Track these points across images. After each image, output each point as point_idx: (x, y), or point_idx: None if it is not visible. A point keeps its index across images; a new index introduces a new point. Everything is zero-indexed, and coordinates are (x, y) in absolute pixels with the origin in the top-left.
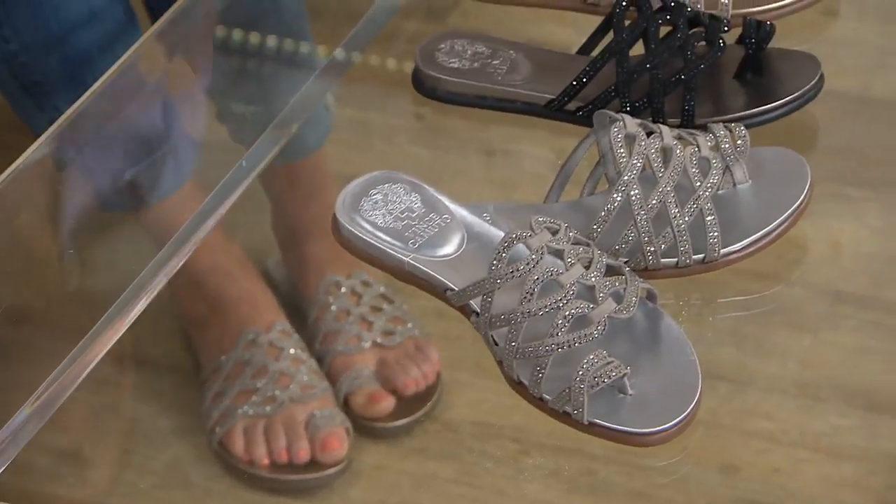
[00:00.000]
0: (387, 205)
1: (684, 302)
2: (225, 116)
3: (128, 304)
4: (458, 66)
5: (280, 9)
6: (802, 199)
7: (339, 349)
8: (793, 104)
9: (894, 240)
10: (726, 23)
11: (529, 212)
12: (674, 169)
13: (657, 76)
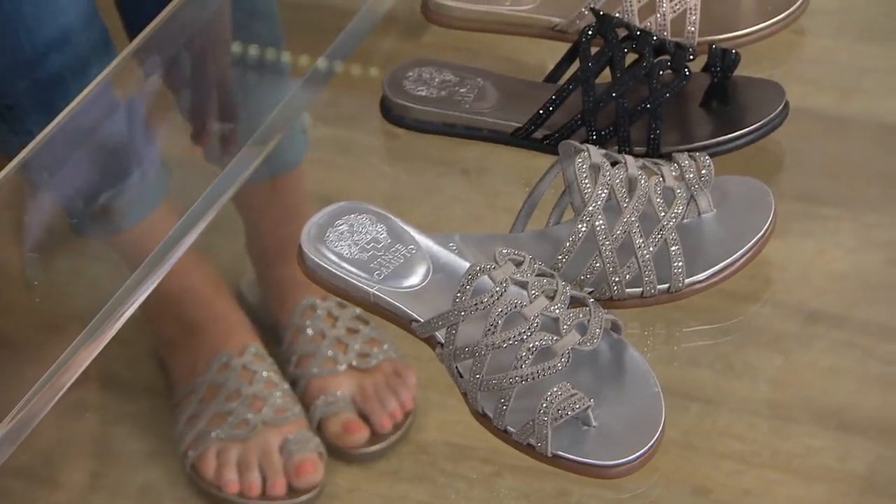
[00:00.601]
0: (352, 235)
1: (650, 331)
2: (200, 136)
3: (101, 327)
4: (426, 94)
5: (255, 28)
6: (766, 228)
7: (315, 372)
8: (758, 132)
9: (867, 259)
10: (692, 51)
11: (496, 242)
12: (638, 199)
13: (623, 105)
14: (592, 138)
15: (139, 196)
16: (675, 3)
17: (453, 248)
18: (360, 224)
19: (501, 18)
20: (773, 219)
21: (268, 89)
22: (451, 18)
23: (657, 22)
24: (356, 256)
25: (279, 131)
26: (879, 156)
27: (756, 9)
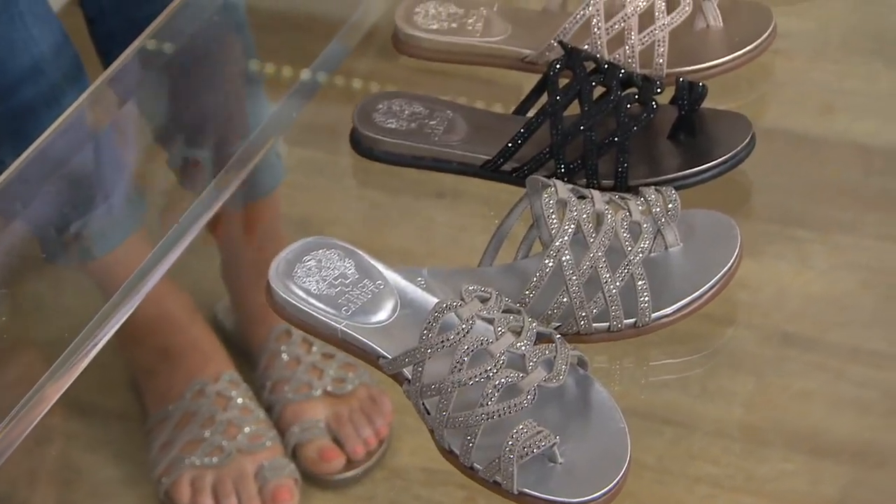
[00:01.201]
0: (320, 271)
1: (619, 364)
2: (175, 162)
3: (74, 355)
4: (396, 126)
5: (229, 54)
6: (732, 262)
7: (289, 397)
8: (725, 165)
9: (839, 282)
10: (659, 84)
11: (464, 276)
12: (605, 234)
13: (591, 138)
14: (561, 171)
15: (112, 223)
16: (644, 35)
17: (421, 283)
18: (328, 259)
19: (472, 49)
20: (739, 252)
21: (243, 114)
22: (420, 49)
23: (625, 54)
24: (324, 292)
25: (255, 157)
26: (853, 177)
27: (724, 40)
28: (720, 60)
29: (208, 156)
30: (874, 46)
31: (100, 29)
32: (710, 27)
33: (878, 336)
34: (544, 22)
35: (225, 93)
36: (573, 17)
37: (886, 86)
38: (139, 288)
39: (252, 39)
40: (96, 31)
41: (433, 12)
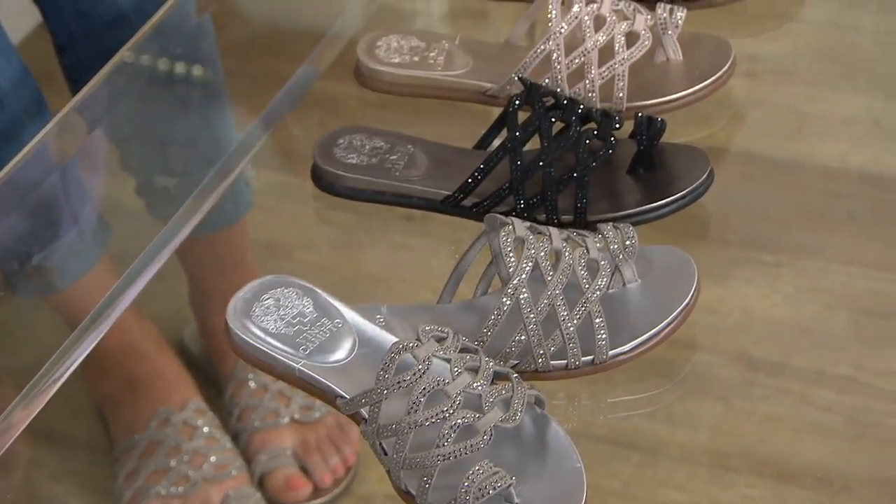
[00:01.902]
0: (278, 310)
1: (576, 403)
2: (143, 190)
3: (40, 386)
4: (356, 161)
5: (198, 81)
6: (689, 299)
7: (256, 425)
8: (683, 200)
9: (805, 306)
10: (618, 119)
11: (423, 313)
12: (562, 272)
13: (550, 174)
14: (520, 206)
15: (76, 255)
16: (604, 69)
17: (380, 321)
18: (286, 298)
19: (433, 83)
20: (696, 289)
21: (212, 141)
22: (383, 83)
23: (586, 88)
24: (282, 331)
25: (223, 184)
26: (819, 200)
27: (684, 74)
28: (680, 94)
29: (176, 183)
30: (842, 70)
31: (69, 57)
32: (671, 60)
33: (843, 360)
34: (505, 55)
35: (193, 120)
36: (533, 51)
37: (853, 110)
38: (106, 317)
39: (220, 67)
40: (66, 59)
41: (395, 46)
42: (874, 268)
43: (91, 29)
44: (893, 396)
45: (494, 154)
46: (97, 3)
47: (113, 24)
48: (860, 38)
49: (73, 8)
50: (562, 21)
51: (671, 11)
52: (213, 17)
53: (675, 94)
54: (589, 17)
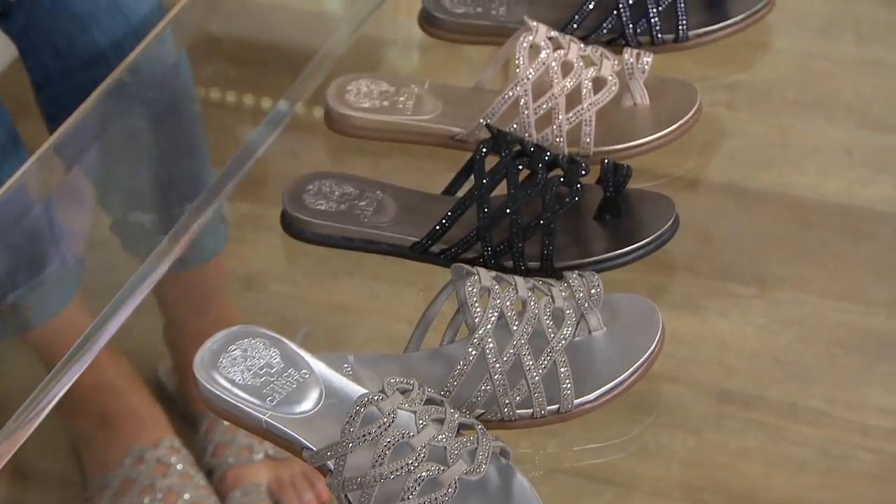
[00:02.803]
0: (246, 360)
1: (543, 453)
2: (118, 227)
3: (17, 425)
4: (325, 208)
5: (174, 118)
6: (654, 347)
7: (230, 462)
8: (649, 247)
9: (778, 337)
10: (584, 167)
11: (390, 362)
12: (528, 321)
13: (517, 221)
14: (487, 253)
15: (51, 292)
16: (571, 115)
17: (347, 370)
18: (253, 348)
19: (402, 127)
20: (661, 337)
21: (188, 177)
22: (352, 128)
23: (554, 133)
24: (249, 382)
25: (199, 221)
26: (792, 231)
27: (651, 118)
28: (647, 139)
29: (153, 219)
30: (814, 100)
31: (46, 94)
32: (638, 105)
33: (816, 393)
34: (475, 100)
35: (169, 157)
36: (501, 97)
37: (826, 139)
38: (82, 355)
39: (197, 104)
40: (42, 96)
41: (365, 90)
42: (847, 300)
43: (68, 67)
44: (865, 430)
45: (462, 202)
46: (74, 42)
47: (90, 62)
48: (832, 67)
49: (50, 46)
50: (529, 67)
51: (638, 56)
52: (190, 51)
53: (642, 139)
54: (556, 63)
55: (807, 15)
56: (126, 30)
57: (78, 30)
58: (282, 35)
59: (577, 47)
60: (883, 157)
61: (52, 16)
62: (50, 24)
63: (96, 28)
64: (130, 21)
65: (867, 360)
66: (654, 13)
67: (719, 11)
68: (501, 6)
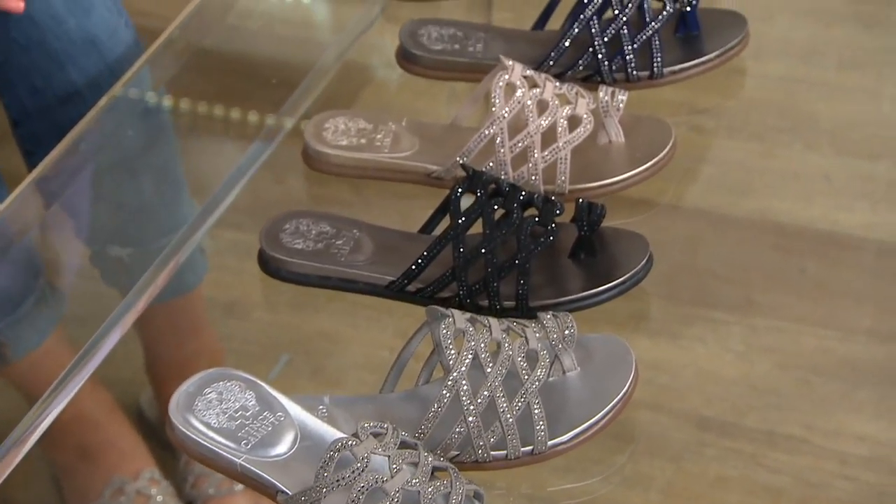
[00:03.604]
0: (221, 403)
1: (518, 493)
2: (98, 259)
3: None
4: (302, 247)
5: (155, 151)
6: (627, 387)
7: (211, 493)
8: (623, 286)
9: (756, 364)
10: (559, 206)
11: (366, 403)
12: (501, 364)
13: (492, 261)
14: (463, 293)
15: (30, 326)
16: (547, 153)
17: (323, 412)
18: (229, 391)
19: (379, 165)
20: (635, 377)
21: (167, 210)
22: (329, 165)
23: (529, 171)
24: (224, 426)
25: (179, 254)
26: (770, 257)
27: (626, 156)
28: (622, 177)
29: (131, 252)
30: (793, 125)
31: (23, 130)
32: (613, 143)
33: (793, 420)
34: (451, 137)
35: (149, 190)
36: (477, 136)
37: (804, 165)
38: (63, 389)
39: (176, 138)
40: (20, 132)
41: (342, 128)
42: (824, 326)
43: (45, 105)
44: (843, 457)
45: (437, 241)
46: (51, 80)
47: (67, 99)
48: (813, 92)
49: (27, 84)
50: (505, 106)
51: (613, 94)
52: (169, 83)
53: (616, 178)
54: (532, 102)
55: (787, 40)
56: (102, 68)
57: (55, 68)
58: (265, 64)
59: (552, 86)
60: (862, 184)
61: (27, 53)
62: (26, 62)
63: (72, 66)
64: (106, 59)
65: (845, 387)
66: (628, 50)
67: (694, 48)
68: (478, 43)
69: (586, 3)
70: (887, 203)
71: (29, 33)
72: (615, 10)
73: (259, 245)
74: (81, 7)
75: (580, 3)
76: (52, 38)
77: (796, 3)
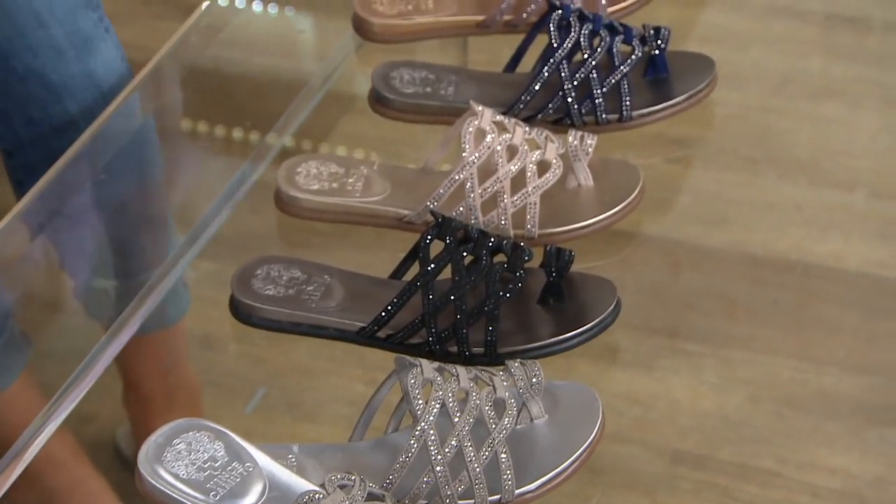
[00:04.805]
0: (190, 454)
1: None
2: (81, 292)
3: None
4: (273, 293)
5: (141, 183)
6: (594, 435)
7: None
8: (591, 332)
9: (729, 396)
10: (528, 252)
11: (334, 452)
12: (469, 413)
13: (461, 308)
14: (432, 339)
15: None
16: (516, 198)
17: (292, 461)
18: (198, 442)
19: (351, 209)
20: (602, 424)
21: (152, 244)
22: (302, 210)
23: (499, 215)
24: (193, 477)
25: (162, 288)
26: (744, 289)
27: (595, 201)
28: (591, 221)
29: (116, 285)
30: (766, 155)
31: (17, 161)
32: (582, 186)
33: (766, 453)
34: (422, 181)
35: (134, 222)
36: (447, 181)
37: (777, 195)
38: (40, 433)
39: (163, 170)
40: (13, 163)
41: (315, 172)
42: (797, 358)
43: (40, 134)
44: (815, 490)
45: (406, 288)
46: (48, 109)
47: (62, 130)
48: (785, 122)
49: (23, 115)
50: (475, 151)
51: (582, 139)
52: (157, 114)
53: (585, 222)
54: (501, 147)
55: (761, 69)
56: (97, 97)
57: (52, 99)
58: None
59: (522, 131)
60: (833, 214)
61: (25, 84)
62: (23, 93)
63: (69, 98)
64: (102, 89)
65: (817, 420)
66: (598, 94)
67: (663, 91)
68: (450, 86)
69: (556, 46)
70: (860, 233)
71: (29, 64)
72: (584, 54)
73: (230, 290)
74: (81, 39)
75: (550, 47)
76: (52, 69)
77: (770, 32)
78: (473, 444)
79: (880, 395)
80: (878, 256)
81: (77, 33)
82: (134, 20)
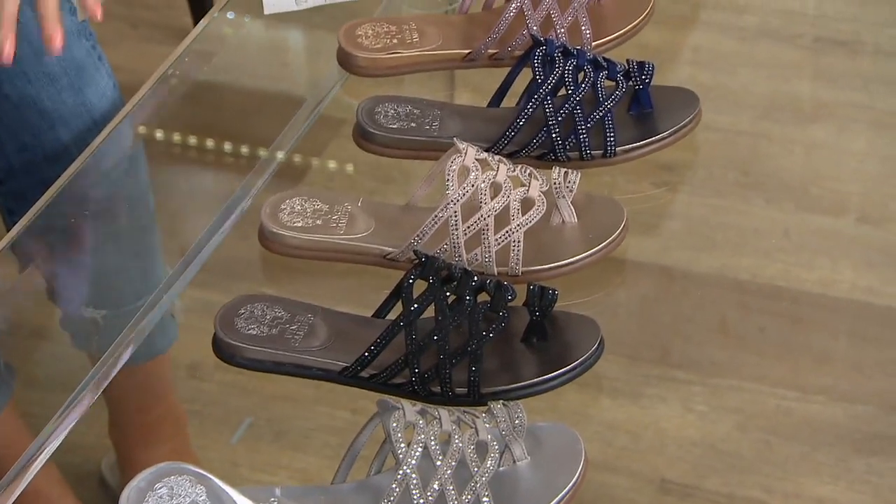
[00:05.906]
0: (171, 499)
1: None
2: (68, 323)
3: None
4: (257, 332)
5: (130, 214)
6: (576, 478)
7: None
8: (574, 371)
9: (717, 425)
10: (511, 292)
11: (317, 495)
12: (451, 455)
13: (444, 348)
14: (415, 379)
15: None
16: (500, 236)
17: (274, 503)
18: (179, 486)
19: (335, 247)
20: (584, 467)
21: (140, 274)
22: (285, 247)
23: (483, 253)
24: None
25: (150, 319)
26: (732, 315)
27: (579, 238)
28: (575, 259)
29: (104, 315)
30: (754, 181)
31: (7, 189)
32: (566, 223)
33: (752, 482)
34: (406, 218)
35: (122, 253)
36: (431, 218)
37: (764, 221)
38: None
39: (152, 200)
40: (3, 190)
41: (298, 209)
42: (784, 386)
43: (32, 161)
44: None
45: (389, 329)
46: (41, 136)
47: (54, 156)
48: (772, 147)
49: (16, 142)
50: (458, 188)
51: (565, 175)
52: (146, 144)
53: (569, 259)
54: (485, 184)
55: (749, 93)
56: (90, 125)
57: (45, 126)
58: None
59: (505, 168)
60: (822, 240)
61: (19, 112)
62: (17, 120)
63: (62, 125)
64: (94, 116)
65: (804, 449)
66: (582, 129)
67: (647, 126)
68: (435, 122)
69: (540, 82)
70: (848, 259)
71: (23, 91)
72: (569, 90)
73: (214, 330)
74: (75, 67)
75: (534, 82)
76: (45, 97)
77: (757, 57)
78: (456, 486)
79: (868, 423)
80: (866, 283)
81: (71, 61)
82: (122, 43)
